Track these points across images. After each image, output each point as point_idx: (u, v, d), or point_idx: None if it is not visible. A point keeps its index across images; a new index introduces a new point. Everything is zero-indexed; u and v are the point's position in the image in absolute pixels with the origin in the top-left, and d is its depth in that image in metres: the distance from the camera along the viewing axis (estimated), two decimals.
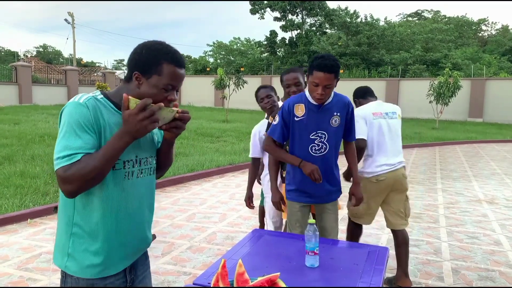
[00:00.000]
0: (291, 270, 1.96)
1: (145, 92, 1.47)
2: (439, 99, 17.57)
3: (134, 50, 1.51)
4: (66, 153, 1.37)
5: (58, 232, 1.55)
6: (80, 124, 1.39)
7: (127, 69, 1.54)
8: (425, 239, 4.61)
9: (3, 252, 3.98)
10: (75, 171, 1.36)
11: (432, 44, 32.62)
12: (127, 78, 1.52)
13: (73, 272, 1.49)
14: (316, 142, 2.60)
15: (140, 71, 1.47)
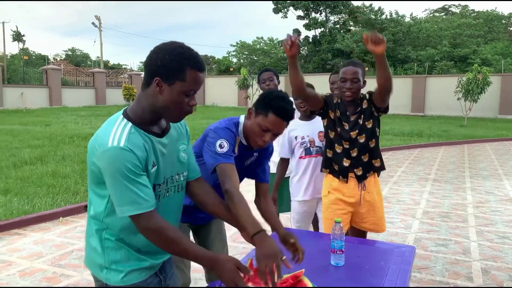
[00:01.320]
0: (316, 268, 1.97)
1: (167, 99, 1.43)
2: (467, 96, 17.14)
3: (153, 54, 1.43)
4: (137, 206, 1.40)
5: (93, 248, 1.55)
6: (133, 171, 1.39)
7: (144, 74, 1.47)
8: (453, 238, 4.53)
9: (37, 249, 4.14)
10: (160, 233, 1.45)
11: (460, 40, 31.83)
12: (145, 84, 1.46)
13: (115, 282, 1.52)
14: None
15: (162, 76, 1.41)
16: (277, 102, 1.92)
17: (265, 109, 1.92)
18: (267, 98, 1.95)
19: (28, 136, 10.69)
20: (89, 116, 17.25)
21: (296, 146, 3.10)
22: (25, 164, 7.44)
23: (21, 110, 19.83)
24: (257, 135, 1.96)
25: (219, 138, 1.96)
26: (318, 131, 3.02)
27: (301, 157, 3.07)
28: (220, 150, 1.93)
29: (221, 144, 1.95)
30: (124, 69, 41.81)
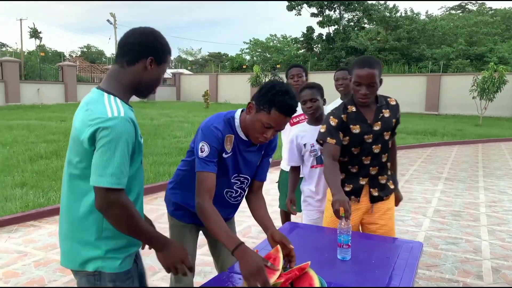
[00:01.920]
0: (323, 261, 2.00)
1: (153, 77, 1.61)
2: (483, 95, 16.90)
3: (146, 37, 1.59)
4: None
5: (83, 242, 1.54)
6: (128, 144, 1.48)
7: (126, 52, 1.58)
8: (464, 237, 4.51)
9: (52, 241, 4.23)
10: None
11: (477, 38, 31.30)
12: (129, 62, 1.56)
13: (113, 269, 1.56)
14: (235, 187, 2.11)
15: (154, 56, 1.57)
16: (280, 98, 1.79)
17: (268, 105, 1.80)
18: (269, 93, 1.80)
19: (44, 131, 10.88)
20: None
21: (306, 154, 2.86)
22: (40, 158, 7.60)
23: (37, 106, 20.17)
24: (258, 131, 1.87)
25: (200, 140, 1.92)
26: None
27: (313, 166, 2.85)
28: (200, 154, 1.89)
29: (202, 147, 1.90)
30: None
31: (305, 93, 2.82)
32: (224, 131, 1.94)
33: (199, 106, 24.00)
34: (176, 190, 2.22)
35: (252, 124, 1.88)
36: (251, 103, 1.90)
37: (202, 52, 60.47)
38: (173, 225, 2.26)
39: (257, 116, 1.84)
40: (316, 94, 2.81)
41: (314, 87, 2.85)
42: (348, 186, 2.51)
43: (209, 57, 54.82)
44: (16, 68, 21.85)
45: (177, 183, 2.22)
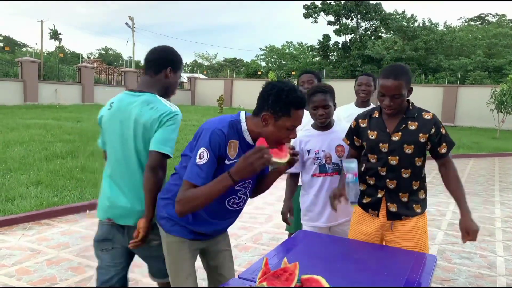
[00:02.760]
0: (335, 271, 1.98)
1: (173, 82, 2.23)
2: (501, 108, 16.66)
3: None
4: None
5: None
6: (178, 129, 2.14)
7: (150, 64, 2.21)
8: (478, 252, 4.42)
9: (64, 240, 4.28)
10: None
11: (496, 50, 30.96)
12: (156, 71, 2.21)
13: None
14: (239, 194, 2.02)
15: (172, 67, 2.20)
16: (293, 96, 1.80)
17: (286, 109, 1.79)
18: (282, 97, 1.79)
19: (60, 131, 11.04)
20: None
21: (309, 161, 2.65)
22: (56, 157, 7.70)
23: (54, 106, 20.50)
24: (283, 137, 1.85)
25: (202, 145, 1.83)
26: (336, 145, 2.61)
27: (315, 174, 2.65)
28: (198, 161, 1.81)
29: (202, 153, 1.81)
30: None
31: (317, 98, 2.57)
32: (228, 135, 1.85)
33: (214, 110, 24.12)
34: (171, 206, 1.98)
35: (275, 134, 1.84)
36: (266, 115, 1.82)
37: (218, 57, 60.92)
38: (171, 243, 2.05)
39: (279, 123, 1.82)
40: (329, 100, 2.60)
41: (327, 91, 2.60)
42: (367, 198, 2.44)
43: (224, 62, 55.13)
44: (36, 68, 22.25)
45: (172, 200, 1.99)
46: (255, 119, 1.89)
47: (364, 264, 2.07)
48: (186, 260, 2.04)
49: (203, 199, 1.81)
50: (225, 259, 2.21)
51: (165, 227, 2.03)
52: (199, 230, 2.02)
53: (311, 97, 2.59)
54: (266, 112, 1.82)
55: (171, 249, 2.04)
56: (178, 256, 2.04)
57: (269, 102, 1.81)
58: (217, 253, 2.19)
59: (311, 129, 2.71)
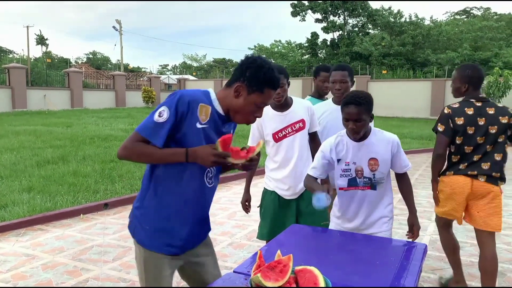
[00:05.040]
0: (329, 263, 2.02)
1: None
2: None
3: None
4: None
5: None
6: None
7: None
8: (469, 241, 4.50)
9: (59, 244, 4.28)
10: None
11: (482, 43, 31.32)
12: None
13: None
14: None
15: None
16: (271, 75, 1.79)
17: (261, 86, 1.78)
18: (260, 73, 1.77)
19: (51, 137, 10.98)
20: (109, 117, 17.59)
21: (337, 172, 2.45)
22: (47, 163, 7.67)
23: (44, 112, 20.34)
24: (251, 112, 1.84)
25: (162, 104, 1.77)
26: (369, 158, 2.39)
27: (342, 188, 2.46)
28: (156, 118, 1.73)
29: (161, 112, 1.73)
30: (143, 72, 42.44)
31: (349, 110, 2.30)
32: (199, 99, 1.80)
33: None
34: (149, 212, 1.86)
35: (244, 107, 1.82)
36: (240, 86, 1.80)
37: (207, 58, 60.80)
38: (147, 258, 1.87)
39: (250, 97, 1.80)
40: (363, 113, 2.30)
41: (362, 103, 2.29)
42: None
43: (214, 63, 55.08)
44: (23, 74, 22.07)
45: (147, 208, 1.87)
46: (227, 90, 1.86)
47: (356, 254, 2.11)
48: (166, 277, 1.89)
49: (150, 159, 1.79)
50: (208, 266, 2.05)
51: (142, 241, 1.88)
52: (178, 235, 1.87)
53: (343, 107, 2.34)
54: (241, 83, 1.80)
55: (149, 265, 1.88)
56: (156, 274, 1.88)
57: (246, 74, 1.79)
58: (199, 262, 2.02)
59: (345, 136, 2.45)
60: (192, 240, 1.96)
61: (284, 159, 2.90)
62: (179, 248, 1.90)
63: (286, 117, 2.87)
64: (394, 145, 2.42)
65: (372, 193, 2.44)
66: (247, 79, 1.78)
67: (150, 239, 1.86)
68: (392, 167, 2.49)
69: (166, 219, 1.85)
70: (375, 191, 2.44)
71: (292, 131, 2.88)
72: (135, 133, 1.75)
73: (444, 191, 3.11)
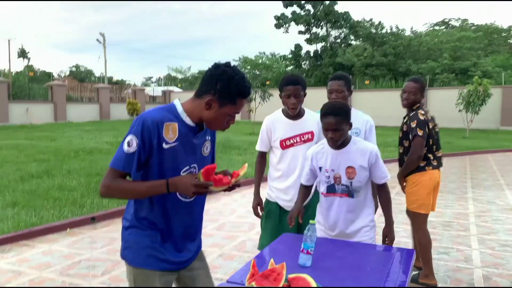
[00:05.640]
0: (321, 269, 2.05)
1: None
2: (468, 108, 17.26)
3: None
4: None
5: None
6: None
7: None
8: (455, 246, 4.59)
9: (46, 260, 4.22)
10: None
11: (461, 53, 32.05)
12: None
13: None
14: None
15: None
16: (242, 85, 1.77)
17: (232, 98, 1.77)
18: (231, 85, 1.75)
19: (34, 151, 10.82)
20: (93, 130, 17.42)
21: (321, 179, 2.56)
22: (31, 177, 7.55)
23: (26, 126, 20.04)
24: (223, 122, 1.83)
25: (128, 133, 1.74)
26: (347, 166, 2.46)
27: (323, 193, 2.58)
28: (126, 149, 1.72)
29: (130, 141, 1.72)
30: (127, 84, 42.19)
31: (327, 121, 2.39)
32: (163, 118, 1.76)
33: None
34: (133, 230, 1.83)
35: (216, 119, 1.81)
36: (211, 100, 1.76)
37: (191, 69, 60.85)
38: (139, 276, 1.82)
39: (222, 110, 1.78)
40: (341, 123, 2.38)
41: (340, 114, 2.38)
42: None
43: (199, 75, 55.10)
44: (5, 88, 21.75)
45: (134, 225, 1.84)
46: (197, 101, 1.81)
47: (346, 261, 2.15)
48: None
49: (132, 195, 1.79)
50: (201, 280, 2.02)
51: (131, 259, 1.83)
52: (164, 250, 1.83)
53: (322, 117, 2.42)
54: (212, 97, 1.76)
55: (139, 282, 1.82)
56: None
57: (217, 87, 1.74)
58: (192, 276, 1.98)
59: (325, 144, 2.53)
60: (182, 255, 1.90)
61: (288, 168, 2.91)
62: (168, 262, 1.84)
63: (296, 126, 2.90)
64: (372, 155, 2.46)
65: (350, 201, 2.50)
66: (218, 93, 1.75)
67: (137, 256, 1.82)
68: (371, 178, 2.54)
69: (149, 235, 1.82)
70: (353, 199, 2.49)
71: (299, 141, 2.89)
72: (110, 169, 1.74)
73: (428, 185, 3.50)
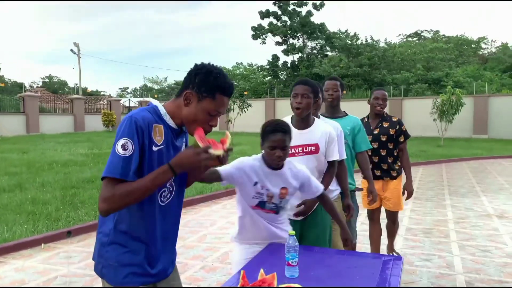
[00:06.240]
0: (311, 279, 2.00)
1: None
2: (442, 117, 17.67)
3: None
4: None
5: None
6: None
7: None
8: (436, 253, 4.62)
9: (19, 277, 4.02)
10: None
11: (433, 63, 32.95)
12: None
13: None
14: (168, 184, 1.77)
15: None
16: (222, 80, 1.70)
17: (212, 91, 1.68)
18: (210, 78, 1.68)
19: (5, 164, 10.46)
20: (67, 142, 17.00)
21: (250, 192, 2.37)
22: (3, 191, 7.27)
23: None
24: (204, 121, 1.71)
25: (122, 135, 1.60)
26: (281, 187, 2.38)
27: (252, 206, 2.40)
28: (123, 152, 1.58)
29: (125, 144, 1.58)
30: (102, 95, 41.55)
31: (276, 138, 2.30)
32: (151, 119, 1.67)
33: None
34: (119, 244, 1.70)
35: (195, 115, 1.69)
36: (189, 93, 1.68)
37: (168, 80, 60.44)
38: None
39: (201, 105, 1.68)
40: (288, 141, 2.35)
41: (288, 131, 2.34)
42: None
43: (175, 85, 54.80)
44: None
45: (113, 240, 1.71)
46: (177, 101, 1.74)
47: (335, 270, 2.11)
48: None
49: (140, 194, 1.60)
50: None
51: (111, 278, 1.71)
52: (143, 263, 1.72)
53: (270, 134, 2.31)
54: (191, 90, 1.69)
55: None
56: None
57: (195, 80, 1.68)
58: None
59: (261, 162, 2.40)
60: (161, 267, 1.80)
61: None
62: (148, 276, 1.73)
63: (301, 136, 2.76)
64: (304, 178, 2.46)
65: (274, 216, 2.45)
66: (196, 85, 1.68)
67: (117, 275, 1.69)
68: (304, 196, 2.60)
69: (131, 251, 1.70)
70: (277, 215, 2.45)
71: (301, 152, 2.77)
72: (107, 180, 1.57)
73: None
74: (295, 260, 2.00)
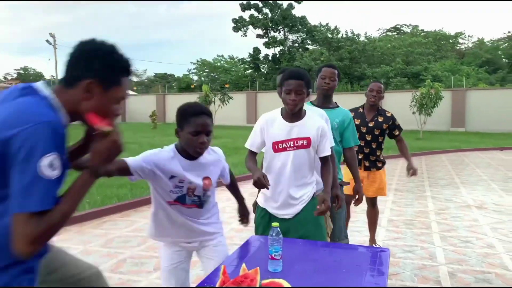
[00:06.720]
0: (296, 273, 1.91)
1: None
2: (422, 110, 17.87)
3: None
4: None
5: None
6: None
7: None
8: (419, 244, 4.60)
9: None
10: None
11: (412, 58, 33.35)
12: None
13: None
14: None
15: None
16: (124, 61, 1.47)
17: (117, 77, 1.44)
18: (112, 61, 1.43)
19: None
20: None
21: (167, 187, 2.18)
22: None
23: None
24: (113, 112, 1.47)
25: (47, 152, 1.23)
26: (204, 177, 2.24)
27: (169, 201, 2.20)
28: (51, 174, 1.24)
29: (53, 162, 1.24)
30: None
31: (201, 121, 2.16)
32: (62, 121, 1.37)
33: (146, 126, 23.45)
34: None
35: (106, 108, 1.43)
36: (91, 83, 1.38)
37: (147, 73, 59.62)
38: None
39: (108, 95, 1.42)
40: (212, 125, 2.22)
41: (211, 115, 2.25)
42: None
43: (155, 78, 54.10)
44: None
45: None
46: (71, 91, 1.40)
47: (321, 263, 2.03)
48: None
49: (71, 212, 1.33)
50: None
51: None
52: None
53: (193, 117, 2.14)
54: (91, 79, 1.38)
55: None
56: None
57: (95, 67, 1.38)
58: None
59: (176, 153, 2.20)
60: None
61: (277, 173, 2.61)
62: None
63: (292, 129, 2.57)
64: (225, 167, 2.40)
65: (197, 211, 2.28)
66: (98, 73, 1.39)
67: None
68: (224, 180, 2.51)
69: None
70: (201, 209, 2.28)
71: (292, 146, 2.57)
72: (29, 215, 1.21)
73: None
74: (279, 253, 1.90)
